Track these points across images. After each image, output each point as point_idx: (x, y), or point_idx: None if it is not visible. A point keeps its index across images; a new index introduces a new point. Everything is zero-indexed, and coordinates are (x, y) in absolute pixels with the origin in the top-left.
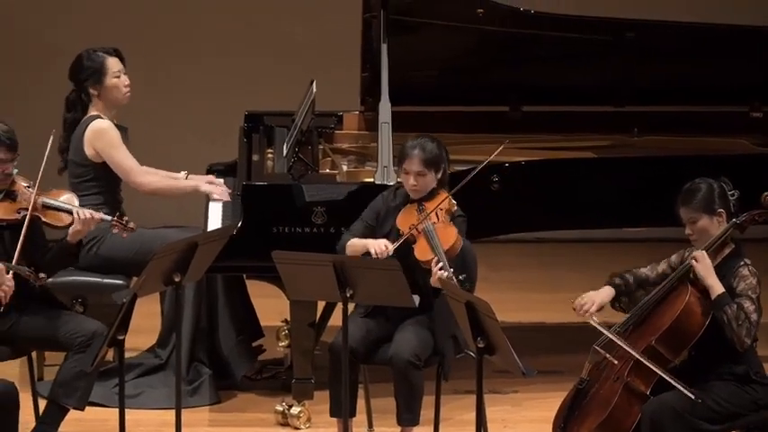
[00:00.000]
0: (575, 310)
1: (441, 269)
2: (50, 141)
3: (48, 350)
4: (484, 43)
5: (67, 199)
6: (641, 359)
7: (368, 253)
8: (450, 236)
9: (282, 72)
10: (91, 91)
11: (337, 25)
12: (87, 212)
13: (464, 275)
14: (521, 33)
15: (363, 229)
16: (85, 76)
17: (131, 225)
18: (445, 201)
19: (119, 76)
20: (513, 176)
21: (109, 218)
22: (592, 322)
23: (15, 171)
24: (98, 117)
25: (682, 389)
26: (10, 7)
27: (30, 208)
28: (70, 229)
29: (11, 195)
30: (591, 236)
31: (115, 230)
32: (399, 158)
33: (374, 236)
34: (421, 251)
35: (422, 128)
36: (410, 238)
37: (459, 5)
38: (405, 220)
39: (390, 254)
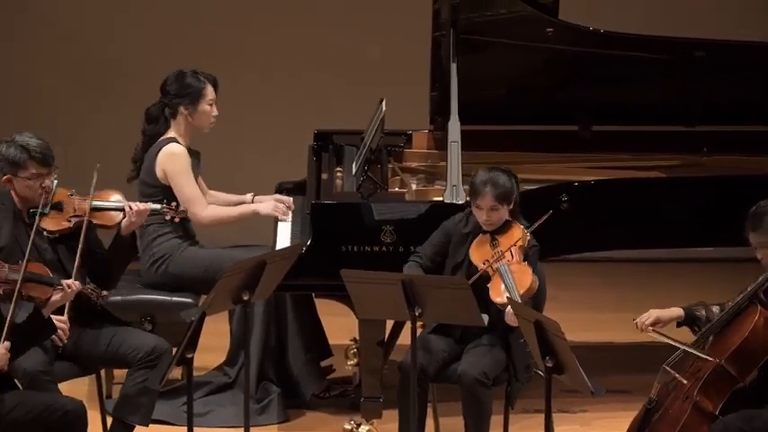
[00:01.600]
0: (636, 326)
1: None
2: (94, 180)
3: (109, 367)
4: (553, 62)
5: (115, 198)
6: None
7: None
8: (525, 279)
9: (352, 91)
10: (181, 109)
11: (407, 44)
12: (138, 204)
13: None
14: (590, 53)
15: (432, 254)
16: (183, 93)
17: (182, 208)
18: (518, 234)
19: (211, 105)
20: (582, 196)
21: (158, 206)
22: (650, 334)
23: (55, 183)
24: (174, 140)
25: None
26: (76, 22)
27: (84, 214)
28: (123, 222)
29: (57, 207)
30: (659, 255)
31: (168, 216)
32: (471, 193)
33: (443, 260)
34: (495, 291)
35: (491, 147)
36: (485, 275)
37: (529, 25)
38: (479, 254)
39: None
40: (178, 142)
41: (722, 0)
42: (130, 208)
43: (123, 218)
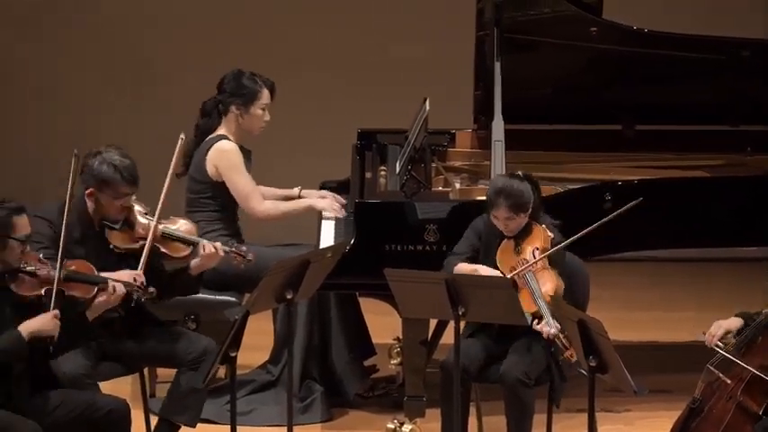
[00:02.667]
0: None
1: (545, 325)
2: (167, 181)
3: (159, 366)
4: (597, 62)
5: (188, 230)
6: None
7: None
8: (548, 286)
9: (396, 90)
10: (233, 108)
11: (451, 44)
12: (210, 246)
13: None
14: (634, 52)
15: (470, 251)
16: (238, 93)
17: (250, 257)
18: (540, 236)
19: (264, 109)
20: (625, 195)
21: (228, 249)
22: (716, 348)
23: (134, 198)
24: (224, 137)
25: None
26: (107, 23)
27: (149, 238)
28: (192, 262)
29: (128, 223)
30: (703, 255)
31: (234, 261)
32: (487, 205)
33: (479, 258)
34: (526, 303)
35: (534, 146)
36: (512, 282)
37: (572, 24)
38: (504, 261)
39: None
40: (228, 139)
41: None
42: (203, 249)
43: (191, 253)
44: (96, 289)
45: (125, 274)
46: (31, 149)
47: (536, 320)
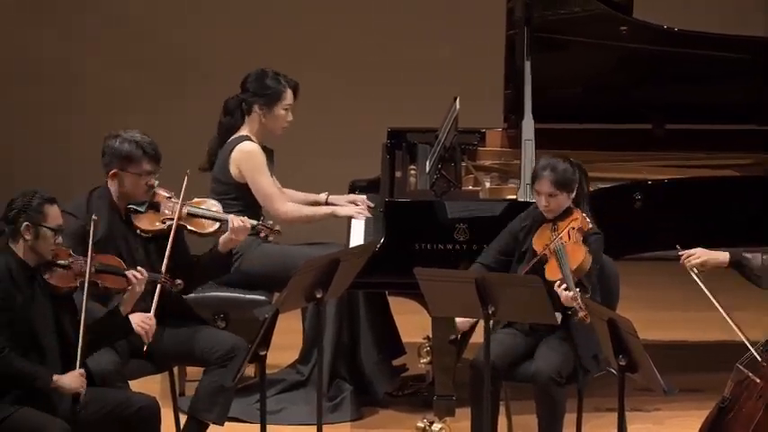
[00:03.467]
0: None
1: (565, 289)
2: (184, 184)
3: (187, 365)
4: (627, 61)
5: (212, 206)
6: None
7: None
8: (578, 255)
9: (426, 89)
10: (256, 108)
11: (481, 43)
12: (239, 220)
13: (589, 294)
14: (664, 51)
15: (498, 254)
16: (261, 93)
17: (277, 228)
18: (578, 219)
19: (287, 110)
20: (655, 194)
21: (255, 222)
22: (692, 274)
23: (156, 183)
24: (247, 138)
25: None
26: (149, 21)
27: (176, 217)
28: (221, 238)
29: (154, 206)
30: None
31: (262, 234)
32: (531, 179)
33: (509, 260)
34: (550, 271)
35: (565, 145)
36: (543, 258)
37: (603, 23)
38: (539, 241)
39: None
40: (251, 140)
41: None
42: (232, 223)
43: (219, 229)
44: (127, 281)
45: (136, 317)
46: (72, 147)
47: (560, 284)
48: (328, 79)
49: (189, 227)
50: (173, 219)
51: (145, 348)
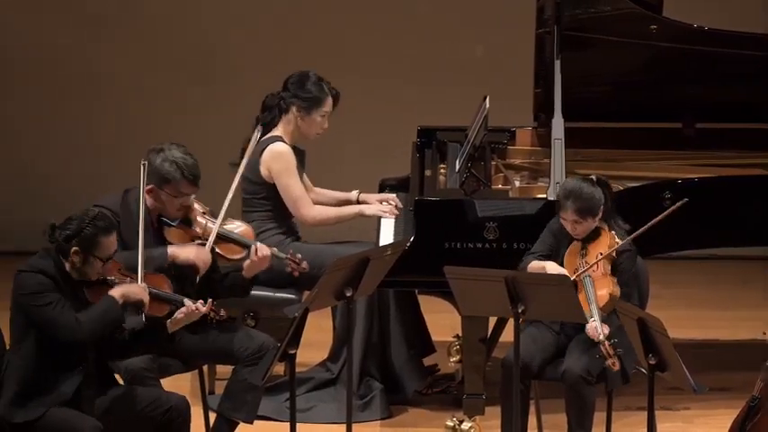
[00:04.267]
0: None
1: (593, 329)
2: (234, 183)
3: (216, 363)
4: (657, 60)
5: (245, 232)
6: None
7: None
8: (602, 293)
9: (456, 88)
10: (294, 110)
11: (510, 41)
12: (266, 249)
13: (615, 340)
14: (694, 50)
15: (546, 250)
16: (301, 95)
17: (304, 265)
18: (606, 242)
19: (324, 117)
20: (685, 194)
21: (284, 255)
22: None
23: (193, 197)
24: (279, 139)
25: None
26: (179, 20)
27: (210, 240)
28: (245, 264)
29: (186, 222)
30: (763, 253)
31: (288, 269)
32: (556, 206)
33: (554, 258)
34: (581, 300)
35: (595, 144)
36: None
37: (633, 22)
38: (569, 263)
39: None
40: (283, 141)
41: None
42: (255, 252)
43: (246, 256)
44: (169, 309)
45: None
46: (104, 143)
47: (589, 323)
48: (359, 78)
49: (218, 250)
50: (202, 237)
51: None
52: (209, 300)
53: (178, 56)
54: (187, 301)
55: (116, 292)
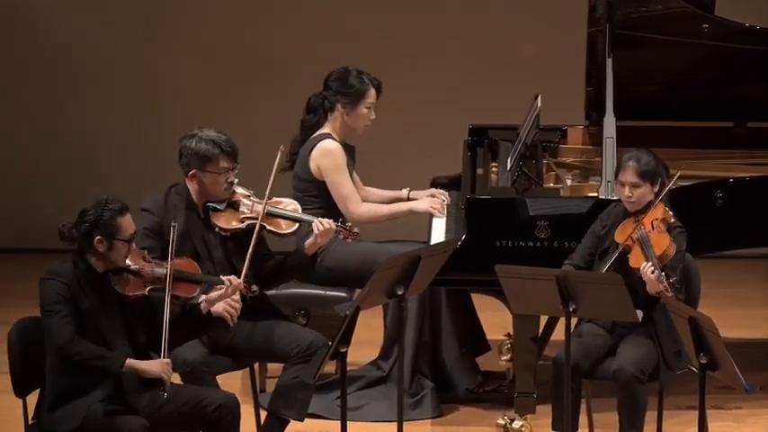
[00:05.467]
0: None
1: (652, 271)
2: (278, 157)
3: (266, 361)
4: (708, 59)
5: (293, 208)
6: None
7: None
8: (663, 241)
9: (507, 87)
10: (339, 107)
11: (562, 40)
12: (325, 223)
13: (675, 278)
14: (746, 49)
15: (585, 255)
16: (344, 91)
17: (356, 230)
18: (661, 211)
19: (370, 108)
20: (737, 192)
21: (336, 224)
22: None
23: (236, 181)
24: (329, 136)
25: None
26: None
27: (260, 217)
28: (307, 242)
29: (233, 205)
30: None
31: (341, 236)
32: (616, 170)
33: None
34: (635, 258)
35: (646, 143)
36: (626, 248)
37: (684, 21)
38: (622, 233)
39: None
40: (333, 138)
41: None
42: (317, 227)
43: (297, 229)
44: (199, 289)
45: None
46: (145, 147)
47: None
48: (411, 77)
49: (269, 227)
50: (251, 217)
51: (231, 333)
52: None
53: (221, 56)
54: (219, 279)
55: (130, 363)
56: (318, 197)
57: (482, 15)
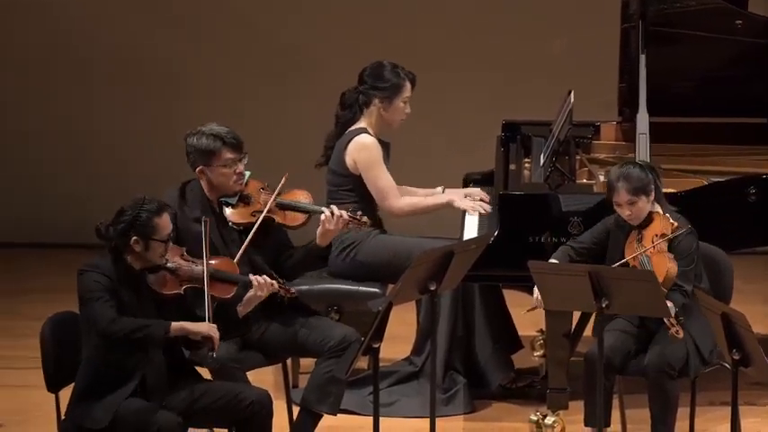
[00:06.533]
0: None
1: None
2: (281, 183)
3: (298, 356)
4: (742, 55)
5: (303, 197)
6: None
7: None
8: (662, 265)
9: (540, 83)
10: (375, 101)
11: (595, 36)
12: (337, 211)
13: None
14: None
15: (590, 243)
16: (380, 86)
17: (364, 219)
18: (659, 225)
19: (406, 102)
20: None
21: (347, 215)
22: None
23: (248, 173)
24: (365, 131)
25: None
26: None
27: (265, 209)
28: (318, 230)
29: (244, 199)
30: None
31: (350, 226)
32: (607, 192)
33: (601, 251)
34: None
35: (679, 139)
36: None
37: (718, 17)
38: (628, 251)
39: None
40: (369, 133)
41: None
42: (331, 213)
43: (307, 221)
44: (235, 290)
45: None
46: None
47: None
48: (444, 73)
49: (277, 219)
50: (261, 210)
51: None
52: (278, 279)
53: (256, 56)
54: (254, 279)
55: (177, 325)
56: (353, 191)
57: (514, 11)
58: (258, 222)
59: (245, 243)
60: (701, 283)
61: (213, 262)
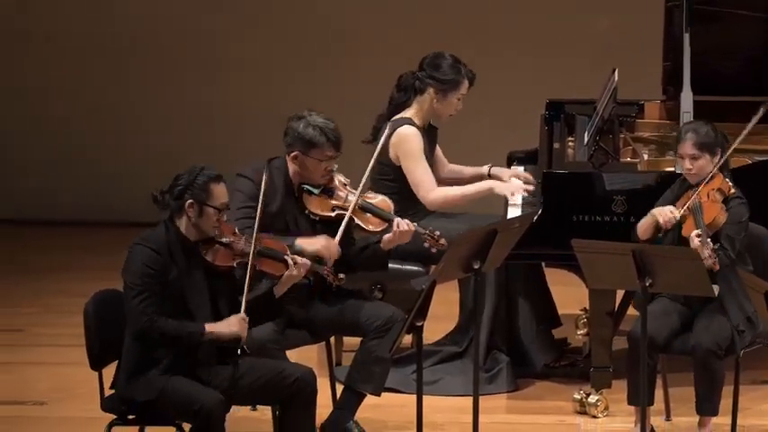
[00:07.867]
0: None
1: (699, 239)
2: (373, 159)
3: (344, 335)
4: None
5: (385, 205)
6: None
7: (658, 228)
8: (713, 210)
9: (584, 61)
10: (431, 91)
11: (640, 14)
12: (405, 224)
13: (719, 245)
14: None
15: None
16: (438, 77)
17: (442, 241)
18: (719, 181)
19: (459, 99)
20: None
21: (423, 230)
22: None
23: (335, 167)
24: (410, 121)
25: None
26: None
27: (350, 209)
28: (384, 237)
29: (327, 192)
30: None
31: (426, 244)
32: (675, 142)
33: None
34: (687, 228)
35: (723, 118)
36: (682, 218)
37: None
38: (680, 204)
39: (677, 218)
40: (413, 123)
41: None
42: (398, 226)
43: (385, 229)
44: (285, 268)
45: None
46: (217, 119)
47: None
48: (489, 52)
49: (357, 220)
50: (342, 208)
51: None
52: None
53: (293, 28)
54: (290, 258)
55: (211, 328)
56: (395, 182)
57: None
58: (345, 222)
59: (337, 238)
60: (747, 265)
61: (267, 241)
